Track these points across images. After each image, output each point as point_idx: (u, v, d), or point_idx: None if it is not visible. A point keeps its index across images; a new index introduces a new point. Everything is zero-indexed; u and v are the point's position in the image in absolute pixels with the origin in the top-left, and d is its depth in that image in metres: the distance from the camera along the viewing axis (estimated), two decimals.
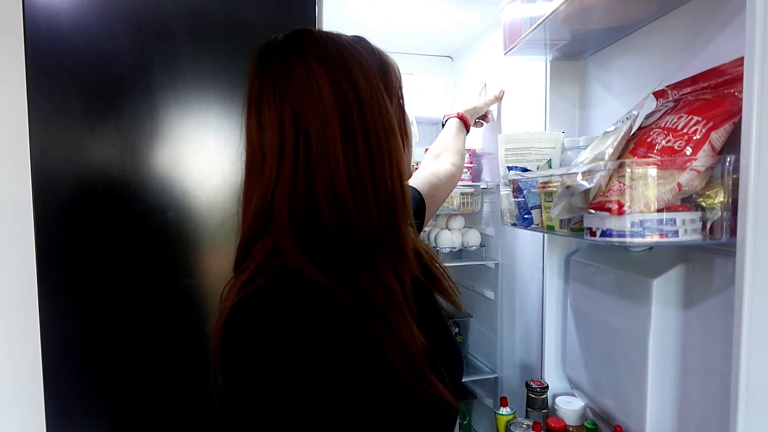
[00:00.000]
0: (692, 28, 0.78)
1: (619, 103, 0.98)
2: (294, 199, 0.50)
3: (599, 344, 0.96)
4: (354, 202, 0.50)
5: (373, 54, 0.56)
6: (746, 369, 0.56)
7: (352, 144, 0.50)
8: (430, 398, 0.50)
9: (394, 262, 0.52)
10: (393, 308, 0.50)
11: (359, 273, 0.50)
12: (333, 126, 0.50)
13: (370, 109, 0.52)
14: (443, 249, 1.48)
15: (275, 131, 0.51)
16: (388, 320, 0.49)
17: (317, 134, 0.50)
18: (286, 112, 0.50)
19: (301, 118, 0.50)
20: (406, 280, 0.53)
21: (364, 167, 0.51)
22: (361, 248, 0.50)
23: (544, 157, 1.05)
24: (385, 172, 0.52)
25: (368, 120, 0.51)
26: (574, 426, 1.00)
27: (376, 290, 0.50)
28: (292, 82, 0.51)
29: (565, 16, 0.87)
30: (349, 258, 0.50)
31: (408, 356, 0.49)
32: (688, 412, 0.78)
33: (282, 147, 0.50)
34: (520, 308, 1.34)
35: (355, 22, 1.42)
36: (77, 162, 0.92)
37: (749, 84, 0.55)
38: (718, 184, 0.64)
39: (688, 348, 0.78)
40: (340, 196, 0.50)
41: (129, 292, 0.95)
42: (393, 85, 0.57)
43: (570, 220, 0.83)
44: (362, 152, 0.51)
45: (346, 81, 0.51)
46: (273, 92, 0.51)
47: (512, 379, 1.39)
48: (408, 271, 0.54)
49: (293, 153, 0.50)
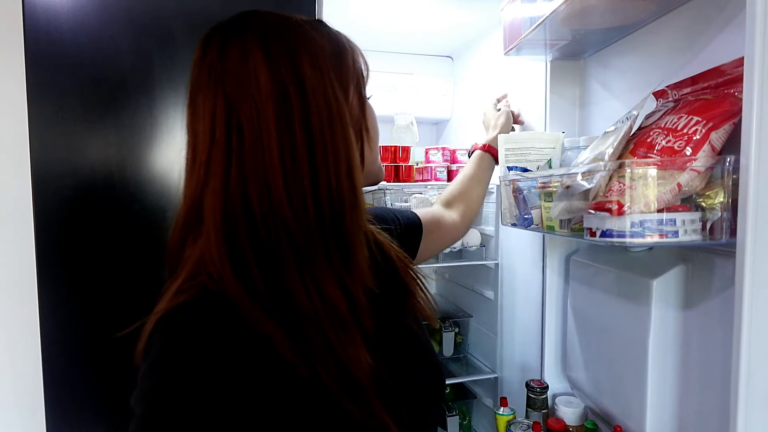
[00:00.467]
0: (692, 28, 0.78)
1: (619, 103, 0.98)
2: (226, 198, 0.45)
3: (599, 344, 0.96)
4: (289, 202, 0.45)
5: (326, 38, 0.50)
6: (746, 369, 0.56)
7: (289, 138, 0.45)
8: (374, 428, 0.45)
9: (339, 272, 0.47)
10: (335, 324, 0.45)
11: (294, 283, 0.45)
12: (268, 117, 0.45)
13: (314, 100, 0.46)
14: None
15: (207, 121, 0.46)
16: (328, 338, 0.44)
17: (251, 125, 0.45)
18: (219, 100, 0.46)
19: (235, 108, 0.45)
20: (356, 292, 0.47)
21: (302, 164, 0.45)
22: (297, 255, 0.45)
23: (544, 157, 1.05)
24: (329, 170, 0.46)
25: (311, 112, 0.46)
26: (574, 426, 1.00)
27: (315, 303, 0.45)
28: (228, 67, 0.46)
29: (565, 16, 0.87)
30: (284, 266, 0.45)
31: (349, 379, 0.44)
32: (688, 412, 0.78)
33: (213, 139, 0.46)
34: (520, 308, 1.34)
35: (355, 23, 1.42)
36: (77, 162, 0.92)
37: (749, 84, 0.55)
38: (718, 185, 0.64)
39: (688, 348, 0.78)
40: (274, 196, 0.45)
41: (129, 292, 0.95)
42: (349, 74, 0.51)
43: (570, 220, 0.83)
44: (301, 147, 0.45)
45: (288, 67, 0.46)
46: (208, 78, 0.46)
47: (512, 379, 1.39)
48: (360, 282, 0.48)
49: (224, 146, 0.45)
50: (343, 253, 0.48)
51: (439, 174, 1.50)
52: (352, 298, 0.47)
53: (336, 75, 0.48)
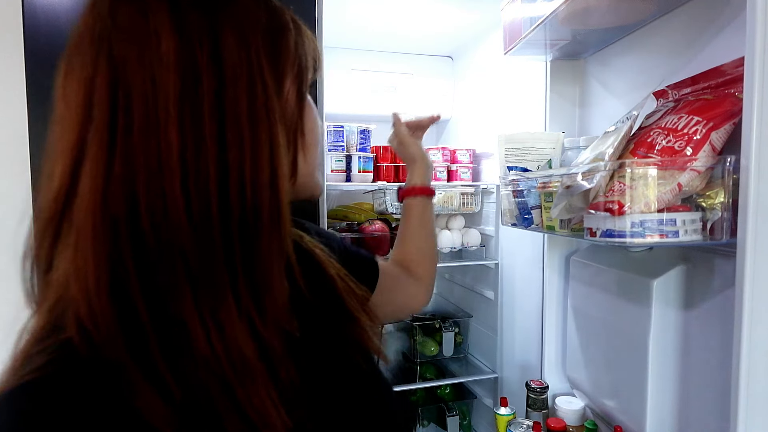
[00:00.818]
0: (692, 28, 0.78)
1: (619, 103, 0.98)
2: (105, 201, 0.33)
3: (599, 344, 0.96)
4: (187, 212, 0.33)
5: (264, 10, 0.39)
6: (746, 369, 0.56)
7: (194, 127, 0.34)
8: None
9: (248, 309, 0.36)
10: (240, 374, 0.34)
11: (189, 320, 0.33)
12: (168, 95, 0.33)
13: (234, 82, 0.35)
14: (443, 249, 1.48)
15: (81, 94, 0.34)
16: (232, 390, 0.34)
17: (143, 104, 0.33)
18: (102, 65, 0.33)
19: (123, 78, 0.33)
20: (268, 334, 0.37)
21: (208, 164, 0.34)
22: (193, 283, 0.34)
23: (544, 157, 1.05)
24: (244, 175, 0.35)
25: (227, 97, 0.35)
26: (574, 426, 1.00)
27: (215, 347, 0.34)
28: (120, 24, 0.34)
29: (565, 16, 0.87)
30: (176, 297, 0.33)
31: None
32: (688, 412, 0.78)
33: (89, 116, 0.33)
34: (520, 308, 1.34)
35: (355, 23, 1.42)
36: None
37: (749, 84, 0.55)
38: (719, 185, 0.64)
39: (688, 348, 0.78)
40: (168, 202, 0.33)
41: None
42: (287, 60, 0.40)
43: (570, 220, 0.83)
44: (209, 142, 0.34)
45: (204, 35, 0.34)
46: (92, 36, 0.34)
47: (512, 379, 1.39)
48: (275, 323, 0.37)
49: (105, 129, 0.33)
50: (253, 284, 0.36)
51: (439, 174, 1.50)
52: (263, 342, 0.36)
53: (269, 58, 0.38)
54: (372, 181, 1.41)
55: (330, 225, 1.46)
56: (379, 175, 1.44)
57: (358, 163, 1.39)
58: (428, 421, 1.60)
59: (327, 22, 1.07)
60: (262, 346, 0.36)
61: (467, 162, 1.52)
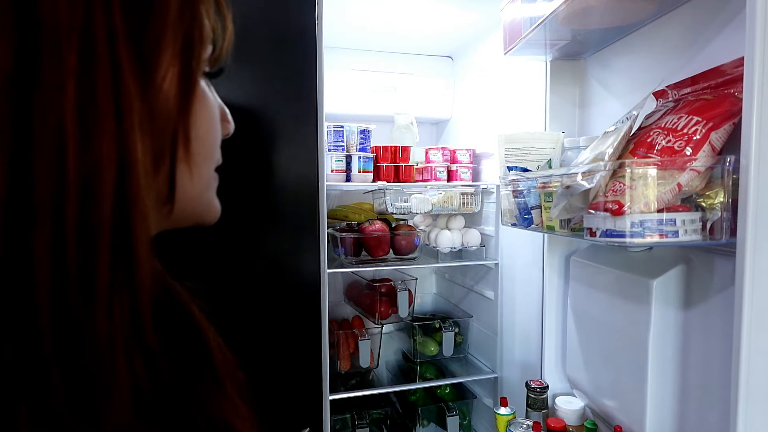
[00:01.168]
0: (692, 28, 0.78)
1: (619, 103, 0.98)
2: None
3: (599, 344, 0.96)
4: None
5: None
6: (746, 369, 0.56)
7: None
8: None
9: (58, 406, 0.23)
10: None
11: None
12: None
13: (55, 54, 0.23)
14: (443, 249, 1.48)
15: None
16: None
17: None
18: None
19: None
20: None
21: (16, 170, 0.23)
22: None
23: (544, 157, 1.05)
24: (66, 193, 0.23)
25: (41, 83, 0.23)
26: (574, 426, 1.00)
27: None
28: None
29: (565, 16, 0.87)
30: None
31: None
32: (688, 412, 0.78)
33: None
34: (520, 308, 1.34)
35: (354, 23, 1.42)
36: None
37: (749, 84, 0.55)
38: (718, 185, 0.64)
39: (688, 348, 0.78)
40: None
41: None
42: (165, 28, 0.27)
43: (570, 220, 0.83)
44: (13, 145, 0.23)
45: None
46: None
47: (512, 379, 1.39)
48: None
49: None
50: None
51: (439, 174, 1.50)
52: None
53: (127, 15, 0.25)
54: (372, 181, 1.41)
55: (330, 225, 1.46)
56: (379, 175, 1.44)
57: (358, 163, 1.39)
58: (428, 421, 1.60)
59: (327, 22, 1.07)
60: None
61: (467, 162, 1.52)
